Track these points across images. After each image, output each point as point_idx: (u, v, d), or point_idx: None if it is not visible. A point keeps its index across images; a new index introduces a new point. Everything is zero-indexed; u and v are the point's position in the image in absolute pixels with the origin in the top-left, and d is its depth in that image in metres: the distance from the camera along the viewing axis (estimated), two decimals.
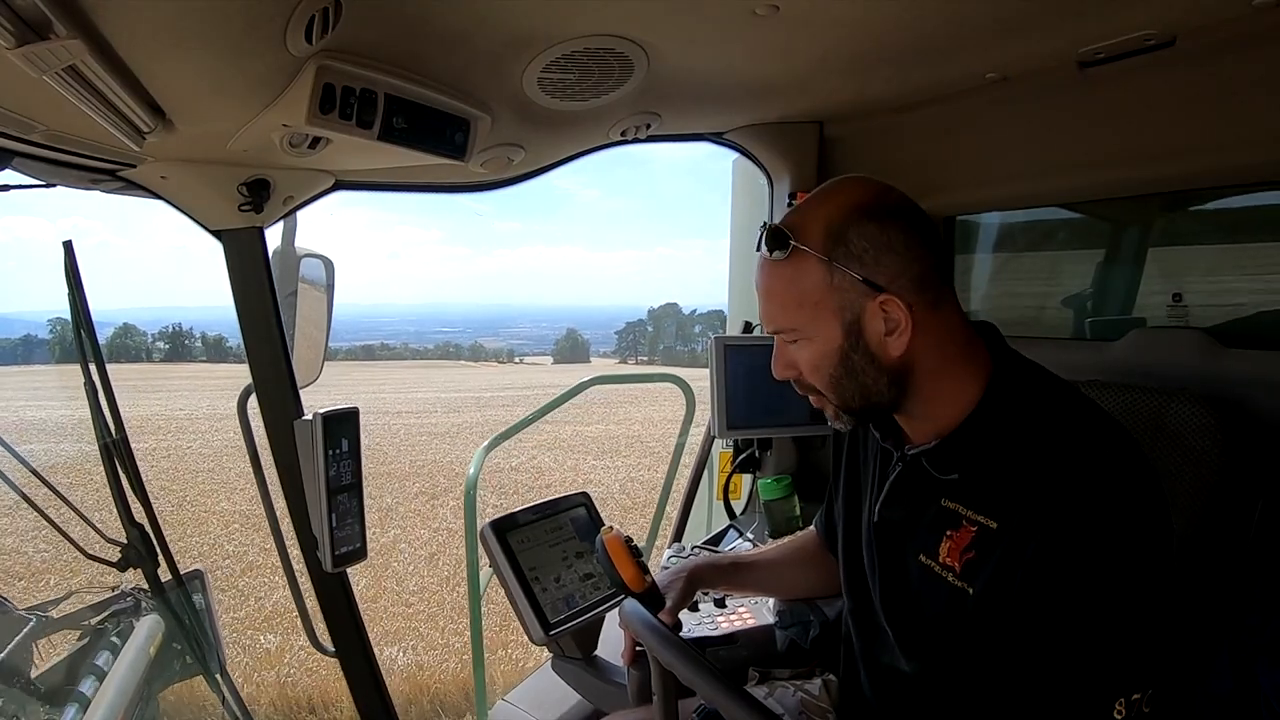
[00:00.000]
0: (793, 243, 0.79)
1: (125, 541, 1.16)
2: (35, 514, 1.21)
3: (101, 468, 1.10)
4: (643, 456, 9.59)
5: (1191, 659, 1.01)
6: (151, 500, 1.15)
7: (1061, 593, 0.70)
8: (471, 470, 2.04)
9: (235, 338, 1.13)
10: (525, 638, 1.18)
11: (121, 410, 1.10)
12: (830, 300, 0.79)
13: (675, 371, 2.67)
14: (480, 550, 1.26)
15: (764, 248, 0.82)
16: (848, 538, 1.00)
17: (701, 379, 1.70)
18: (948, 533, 0.80)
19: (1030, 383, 0.82)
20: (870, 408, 0.84)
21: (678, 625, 1.09)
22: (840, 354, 0.81)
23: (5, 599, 1.29)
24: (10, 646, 1.16)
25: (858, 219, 0.78)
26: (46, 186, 0.97)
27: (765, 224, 0.83)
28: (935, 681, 0.84)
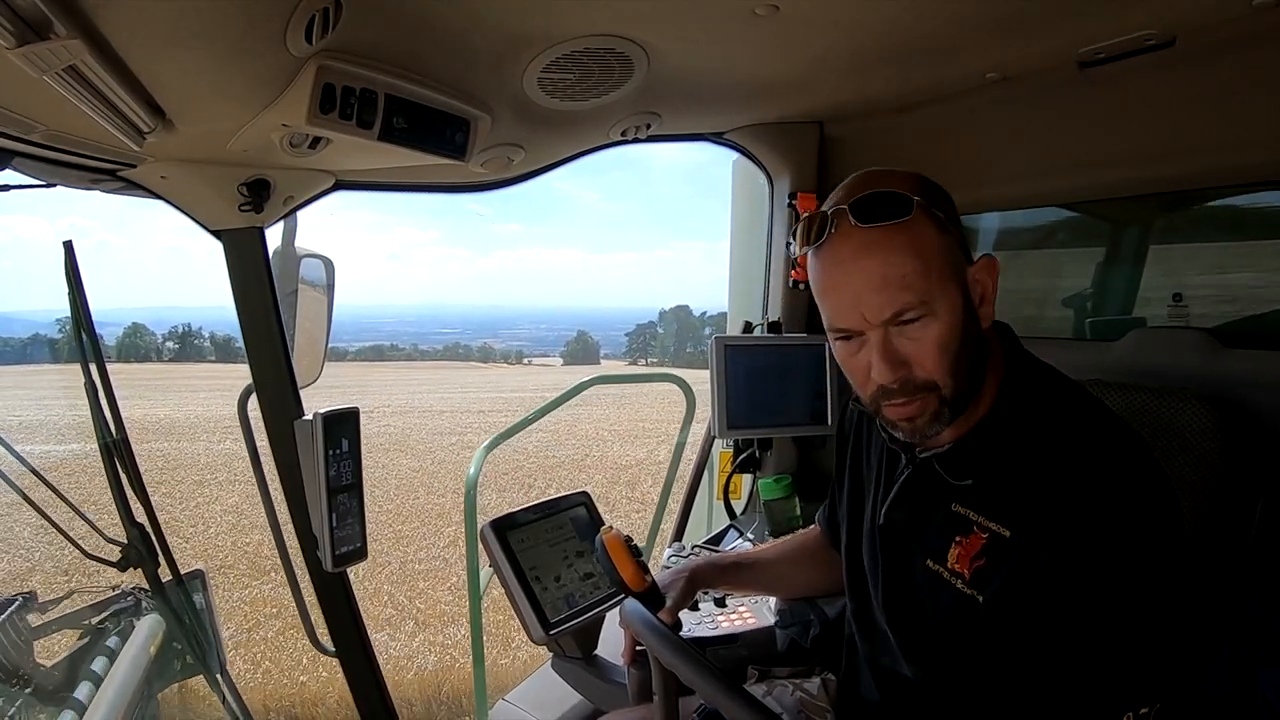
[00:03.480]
0: (916, 199, 0.72)
1: (125, 541, 1.16)
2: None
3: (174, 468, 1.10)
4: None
5: (1191, 659, 1.01)
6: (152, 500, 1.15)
7: (1076, 604, 0.69)
8: (472, 470, 2.04)
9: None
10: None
11: (203, 409, 1.10)
12: (948, 263, 0.74)
13: (688, 373, 2.67)
14: (480, 550, 1.26)
15: (866, 220, 0.72)
16: (850, 539, 0.99)
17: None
18: (957, 539, 0.78)
19: (1044, 386, 0.80)
20: (970, 392, 0.77)
21: (678, 625, 1.09)
22: (964, 324, 0.74)
23: (5, 598, 1.29)
24: (8, 647, 1.16)
25: (933, 189, 0.77)
26: (46, 186, 0.97)
27: (823, 209, 0.75)
28: (938, 687, 0.84)
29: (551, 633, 1.12)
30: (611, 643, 1.18)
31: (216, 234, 1.08)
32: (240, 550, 6.40)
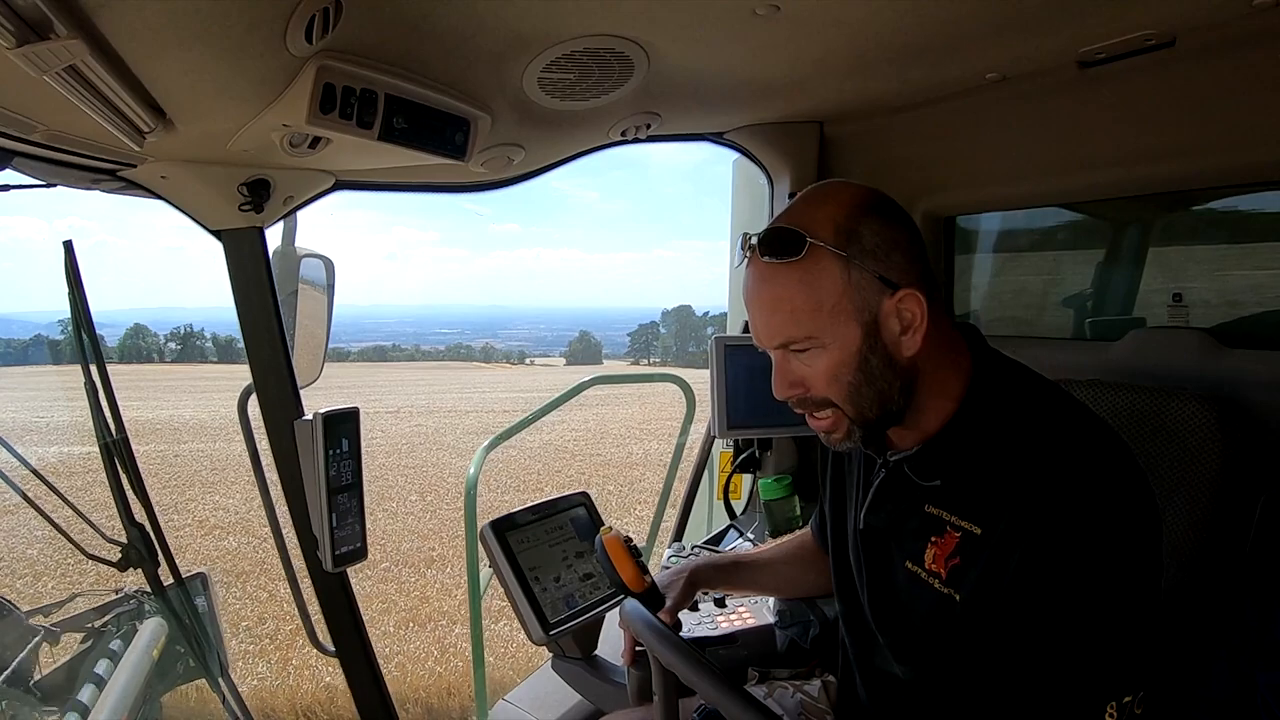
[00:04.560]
0: (809, 240, 0.74)
1: (125, 542, 1.16)
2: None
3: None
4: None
5: (1190, 660, 1.01)
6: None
7: (1048, 598, 0.70)
8: (471, 470, 2.05)
9: None
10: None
11: (226, 410, 1.10)
12: (848, 301, 0.75)
13: (691, 373, 2.68)
14: (480, 550, 1.26)
15: (764, 253, 0.76)
16: (836, 543, 1.00)
17: None
18: (932, 539, 0.80)
19: (1011, 384, 0.81)
20: (884, 417, 0.80)
21: (678, 625, 1.09)
22: (859, 358, 0.77)
23: (8, 601, 1.29)
24: (11, 648, 1.16)
25: (865, 215, 0.77)
26: (46, 186, 0.97)
27: (750, 232, 0.79)
28: (928, 686, 0.84)
29: (551, 633, 1.12)
30: (611, 643, 1.18)
31: (216, 234, 1.08)
32: None
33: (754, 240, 0.78)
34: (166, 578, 1.20)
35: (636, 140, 1.35)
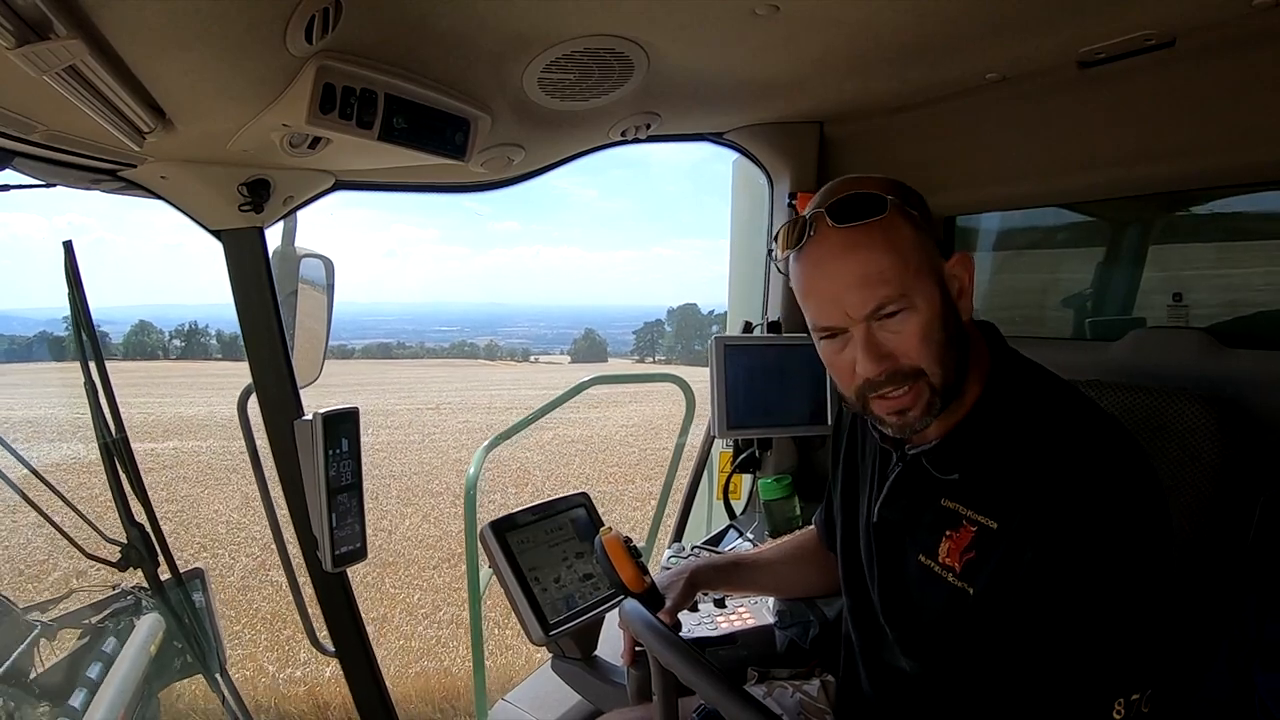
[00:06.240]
0: (889, 198, 0.75)
1: (125, 541, 1.16)
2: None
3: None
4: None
5: (1189, 660, 1.01)
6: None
7: (1061, 593, 0.70)
8: (471, 470, 2.05)
9: None
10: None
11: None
12: (923, 258, 0.76)
13: (697, 371, 2.68)
14: (480, 550, 1.26)
15: (842, 220, 0.75)
16: (846, 537, 1.00)
17: None
18: (947, 533, 0.80)
19: (1030, 382, 0.82)
20: (958, 383, 0.79)
21: (677, 625, 1.09)
22: (944, 315, 0.77)
23: (5, 598, 1.29)
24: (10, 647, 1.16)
25: (906, 190, 0.79)
26: (46, 186, 0.97)
27: (802, 214, 0.79)
28: (935, 680, 0.84)
29: (551, 634, 1.12)
30: (611, 643, 1.18)
31: (216, 234, 1.08)
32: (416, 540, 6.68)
33: (819, 211, 0.76)
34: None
35: (636, 140, 1.35)
